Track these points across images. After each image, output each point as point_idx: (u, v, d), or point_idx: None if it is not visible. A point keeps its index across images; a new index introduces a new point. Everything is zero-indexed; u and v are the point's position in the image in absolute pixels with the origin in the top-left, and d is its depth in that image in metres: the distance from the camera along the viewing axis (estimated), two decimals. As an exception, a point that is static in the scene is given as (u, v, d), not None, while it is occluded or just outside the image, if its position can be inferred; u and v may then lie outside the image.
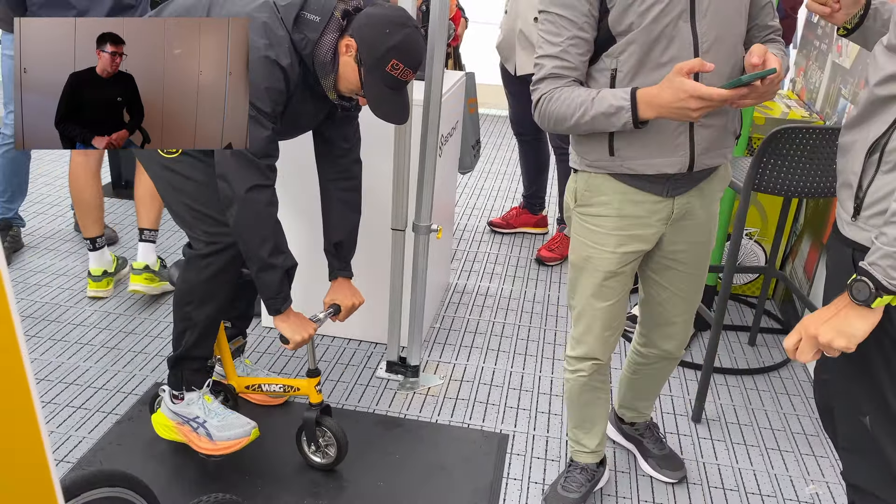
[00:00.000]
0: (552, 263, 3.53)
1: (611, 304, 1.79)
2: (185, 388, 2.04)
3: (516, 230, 3.81)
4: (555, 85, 1.56)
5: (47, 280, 3.05)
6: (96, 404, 2.35)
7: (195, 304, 1.96)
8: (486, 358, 2.77)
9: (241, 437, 2.03)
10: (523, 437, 2.36)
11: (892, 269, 1.22)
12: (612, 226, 1.68)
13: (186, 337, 1.99)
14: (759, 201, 3.06)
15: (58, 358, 2.57)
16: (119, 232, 3.52)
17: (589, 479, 2.06)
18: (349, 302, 2.09)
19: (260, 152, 1.73)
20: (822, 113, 3.06)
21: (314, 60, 1.78)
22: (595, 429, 2.03)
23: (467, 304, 3.13)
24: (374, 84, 1.78)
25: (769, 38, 1.65)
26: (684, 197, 1.68)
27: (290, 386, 2.14)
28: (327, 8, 1.77)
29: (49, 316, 2.81)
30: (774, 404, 2.59)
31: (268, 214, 1.79)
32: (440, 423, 2.38)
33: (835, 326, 1.29)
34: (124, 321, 2.82)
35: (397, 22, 1.76)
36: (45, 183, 4.00)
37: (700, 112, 1.42)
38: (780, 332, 3.03)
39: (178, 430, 2.08)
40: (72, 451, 2.15)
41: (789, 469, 2.29)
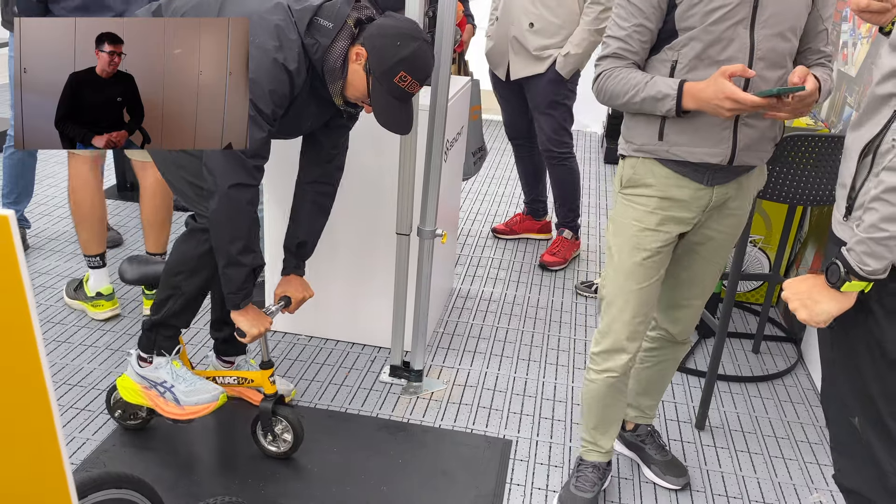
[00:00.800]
0: (555, 268, 3.54)
1: (643, 287, 1.85)
2: (156, 353, 2.07)
3: (519, 236, 3.82)
4: (615, 64, 1.71)
5: (52, 282, 3.06)
6: (100, 406, 2.35)
7: (186, 275, 2.00)
8: (490, 363, 2.77)
9: (208, 402, 2.05)
10: (526, 442, 2.35)
11: (867, 254, 1.25)
12: (655, 205, 1.79)
13: (170, 304, 2.03)
14: (764, 209, 3.06)
15: (62, 359, 2.57)
16: (124, 234, 3.52)
17: (600, 478, 2.09)
18: (300, 295, 2.11)
19: (251, 152, 1.75)
20: (827, 121, 3.07)
21: (323, 66, 1.80)
22: (612, 429, 2.07)
23: (471, 309, 3.13)
24: (381, 94, 1.80)
25: (818, 63, 1.74)
26: (723, 188, 1.77)
27: (245, 378, 2.16)
28: (341, 15, 1.78)
29: (54, 318, 2.81)
30: (778, 412, 2.58)
31: (246, 213, 1.80)
32: (443, 428, 2.38)
33: (802, 298, 1.35)
34: (128, 323, 2.82)
35: (408, 35, 1.78)
36: (51, 185, 4.01)
37: (732, 112, 1.56)
38: (784, 340, 3.03)
39: (144, 395, 2.10)
40: (76, 453, 2.15)
41: (793, 477, 2.28)
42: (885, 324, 1.34)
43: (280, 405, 2.13)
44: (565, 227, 3.59)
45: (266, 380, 2.10)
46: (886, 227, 1.22)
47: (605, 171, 4.92)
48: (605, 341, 1.91)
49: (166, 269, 2.03)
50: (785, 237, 2.74)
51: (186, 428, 2.27)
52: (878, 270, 1.26)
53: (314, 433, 2.27)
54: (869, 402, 1.39)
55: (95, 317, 2.80)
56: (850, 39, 2.91)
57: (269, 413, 2.11)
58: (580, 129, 5.32)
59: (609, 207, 4.31)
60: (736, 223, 1.87)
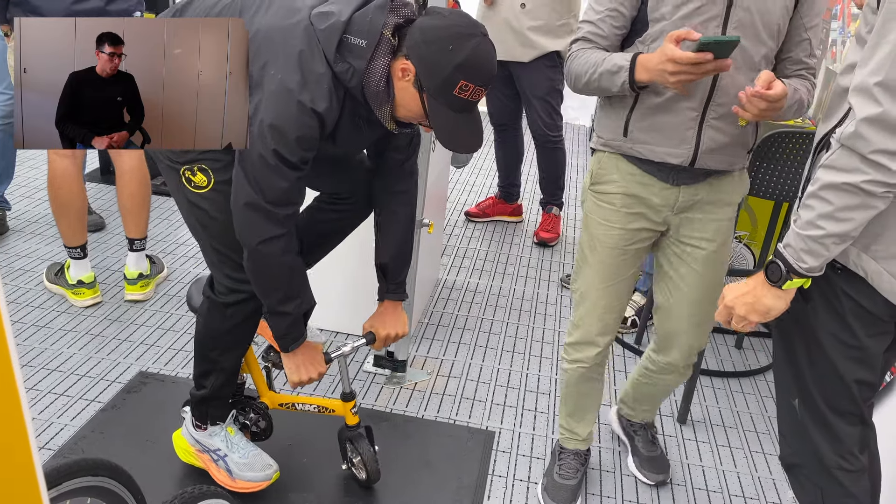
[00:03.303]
0: (553, 244, 3.67)
1: (612, 285, 1.85)
2: (211, 423, 1.97)
3: (491, 218, 3.87)
4: (582, 47, 1.70)
5: (32, 265, 3.02)
6: (79, 391, 2.33)
7: (220, 351, 1.85)
8: (474, 354, 2.76)
9: (260, 480, 1.96)
10: (509, 434, 2.35)
11: (804, 251, 1.27)
12: (620, 203, 1.77)
13: (212, 380, 1.88)
14: (750, 205, 3.07)
15: (41, 344, 2.54)
16: (107, 218, 3.48)
17: (582, 464, 2.12)
18: (384, 332, 1.88)
19: (280, 201, 1.54)
20: (814, 118, 3.08)
21: (364, 91, 1.52)
22: (588, 417, 2.09)
23: (456, 300, 3.12)
24: (440, 111, 1.49)
25: (797, 74, 1.69)
26: (692, 188, 1.74)
27: (325, 407, 2.04)
28: (375, 27, 1.47)
29: (33, 302, 2.77)
30: (759, 407, 2.60)
31: (279, 264, 1.61)
32: (426, 419, 2.38)
33: (748, 303, 1.36)
34: (109, 308, 2.79)
35: (460, 33, 1.45)
36: (32, 167, 3.95)
37: (676, 77, 1.49)
38: (767, 336, 3.05)
39: (198, 457, 2.02)
40: (53, 439, 2.13)
41: (773, 472, 2.30)
42: (822, 314, 1.37)
43: (359, 440, 2.01)
44: (553, 205, 3.71)
45: (348, 411, 1.98)
46: (823, 224, 1.23)
47: (592, 165, 4.92)
48: (576, 333, 1.93)
49: (199, 342, 1.86)
50: (770, 233, 2.75)
51: (167, 415, 2.24)
52: (816, 268, 1.27)
53: (297, 422, 2.25)
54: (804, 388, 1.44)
55: (77, 304, 2.77)
56: (840, 38, 2.92)
57: (345, 443, 2.04)
58: (569, 122, 5.31)
59: (596, 201, 4.32)
60: (716, 230, 1.79)
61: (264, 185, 1.51)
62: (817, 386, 1.41)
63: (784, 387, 1.51)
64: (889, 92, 1.13)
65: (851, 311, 1.32)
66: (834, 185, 1.20)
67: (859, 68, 1.20)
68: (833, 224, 1.22)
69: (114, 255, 3.17)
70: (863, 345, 1.34)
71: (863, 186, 1.18)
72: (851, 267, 1.30)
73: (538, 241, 3.68)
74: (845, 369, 1.36)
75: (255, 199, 1.52)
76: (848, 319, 1.33)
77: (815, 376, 1.41)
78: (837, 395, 1.39)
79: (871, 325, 1.33)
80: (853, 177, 1.18)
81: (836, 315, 1.35)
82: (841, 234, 1.22)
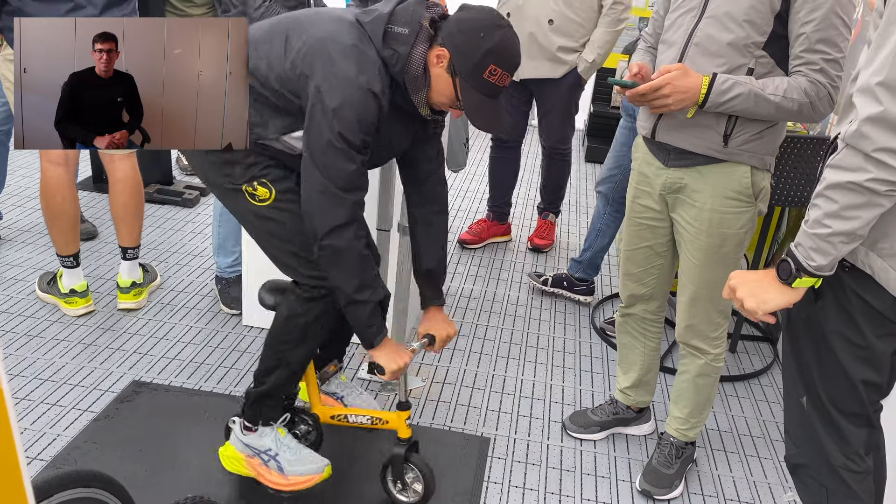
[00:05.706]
0: (546, 250, 3.68)
1: (629, 251, 2.13)
2: (262, 423, 1.98)
3: (487, 242, 3.76)
4: (640, 46, 2.04)
5: (24, 274, 3.00)
6: (72, 401, 2.31)
7: (292, 345, 1.90)
8: (469, 360, 2.76)
9: (313, 473, 1.97)
10: (504, 440, 2.35)
11: (813, 250, 1.28)
12: (636, 179, 2.06)
13: (276, 375, 1.92)
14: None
15: (33, 354, 2.53)
16: (99, 227, 3.47)
17: (615, 412, 2.37)
18: (444, 333, 2.00)
19: (349, 185, 1.66)
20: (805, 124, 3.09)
21: (405, 77, 1.68)
22: (629, 372, 2.32)
23: (450, 307, 3.12)
24: (472, 93, 1.68)
25: (796, 70, 1.73)
26: (679, 171, 1.90)
27: (379, 418, 2.03)
28: (416, 18, 1.67)
29: (26, 311, 2.76)
30: (754, 411, 2.60)
31: (350, 252, 1.69)
32: (421, 426, 2.37)
33: (752, 289, 1.37)
34: (102, 317, 2.77)
35: (490, 24, 1.65)
36: (24, 175, 3.94)
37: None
38: (761, 340, 3.05)
39: (247, 464, 2.01)
40: (45, 449, 2.11)
41: (768, 476, 2.30)
42: (832, 313, 1.37)
43: (414, 453, 2.00)
44: (550, 212, 3.72)
45: (402, 422, 1.96)
46: (829, 223, 1.24)
47: (585, 170, 4.93)
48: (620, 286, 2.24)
49: (270, 338, 1.92)
50: (763, 238, 2.76)
51: (161, 425, 2.23)
52: (825, 266, 1.29)
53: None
54: (812, 387, 1.45)
55: (69, 313, 2.75)
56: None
57: (401, 459, 1.98)
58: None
59: (589, 206, 4.33)
60: (707, 221, 1.88)
61: (332, 170, 1.63)
62: (824, 385, 1.42)
63: (792, 384, 1.52)
64: (890, 91, 1.15)
65: (860, 310, 1.34)
66: (839, 183, 1.22)
67: (863, 69, 1.23)
68: (839, 222, 1.23)
69: (106, 263, 3.15)
70: (870, 344, 1.35)
71: (866, 185, 1.19)
72: (859, 265, 1.32)
73: (532, 247, 3.68)
74: (852, 369, 1.37)
75: (326, 185, 1.64)
76: (856, 318, 1.34)
77: (822, 375, 1.42)
78: (844, 395, 1.40)
79: (880, 326, 1.34)
80: (857, 175, 1.20)
81: (844, 314, 1.36)
82: (847, 233, 1.24)
